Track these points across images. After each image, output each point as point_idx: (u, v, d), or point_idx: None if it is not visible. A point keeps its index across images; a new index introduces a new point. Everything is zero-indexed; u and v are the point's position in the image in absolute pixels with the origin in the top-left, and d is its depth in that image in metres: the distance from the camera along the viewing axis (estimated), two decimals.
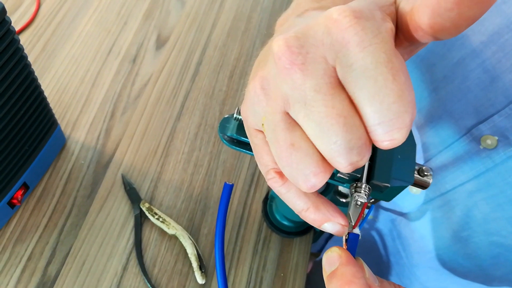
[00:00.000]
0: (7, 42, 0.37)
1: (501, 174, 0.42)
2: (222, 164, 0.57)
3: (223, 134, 0.37)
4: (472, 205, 0.47)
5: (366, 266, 0.26)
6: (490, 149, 0.41)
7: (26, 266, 0.47)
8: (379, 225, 0.65)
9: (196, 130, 0.59)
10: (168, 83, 0.62)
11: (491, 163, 0.42)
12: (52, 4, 0.65)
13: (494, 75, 0.39)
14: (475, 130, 0.42)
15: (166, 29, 0.67)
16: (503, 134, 0.40)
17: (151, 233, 0.51)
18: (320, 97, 0.21)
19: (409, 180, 0.34)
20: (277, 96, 0.23)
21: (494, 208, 0.44)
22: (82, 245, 0.49)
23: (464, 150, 0.44)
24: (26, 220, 0.49)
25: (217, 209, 0.54)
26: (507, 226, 0.44)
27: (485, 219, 0.46)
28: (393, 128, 0.20)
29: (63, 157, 0.54)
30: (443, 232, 0.53)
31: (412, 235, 0.58)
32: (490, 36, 0.38)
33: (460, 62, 0.43)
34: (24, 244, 0.48)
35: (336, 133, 0.20)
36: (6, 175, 0.45)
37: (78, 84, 0.59)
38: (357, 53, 0.19)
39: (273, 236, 0.54)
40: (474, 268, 0.51)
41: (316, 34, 0.21)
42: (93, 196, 0.52)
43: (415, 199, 0.54)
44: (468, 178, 0.45)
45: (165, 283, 0.49)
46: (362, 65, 0.19)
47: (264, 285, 0.51)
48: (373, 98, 0.19)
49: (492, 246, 0.47)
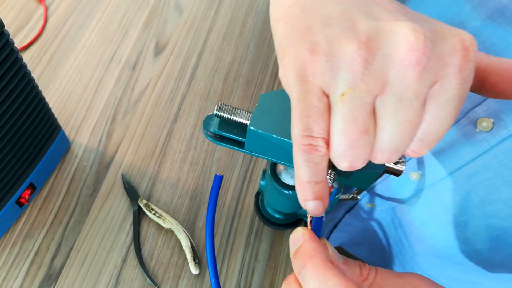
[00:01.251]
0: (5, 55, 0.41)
1: (497, 156, 0.43)
2: (217, 162, 0.60)
3: (206, 130, 0.39)
4: (469, 188, 0.48)
5: (330, 245, 0.28)
6: (486, 132, 0.42)
7: (33, 260, 0.51)
8: (381, 214, 0.66)
9: (192, 131, 0.62)
10: (166, 87, 0.65)
11: (487, 145, 0.43)
12: (58, 18, 0.70)
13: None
14: (471, 113, 0.43)
15: (164, 36, 0.70)
16: (498, 116, 0.41)
17: (149, 227, 0.54)
18: (415, 103, 0.22)
19: (378, 167, 0.36)
20: (379, 78, 0.22)
21: (491, 190, 0.45)
22: (84, 240, 0.53)
23: (461, 133, 0.45)
24: (33, 218, 0.53)
25: None
26: (504, 208, 0.45)
27: (482, 202, 0.47)
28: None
29: (67, 160, 0.58)
30: (442, 217, 0.53)
31: (412, 222, 0.59)
32: (484, 20, 0.39)
33: None
34: (32, 240, 0.52)
35: (403, 138, 0.23)
36: (13, 176, 0.49)
37: (81, 92, 0.63)
38: (459, 84, 0.22)
39: (265, 228, 0.56)
40: (473, 253, 0.52)
41: (442, 48, 0.22)
42: (95, 195, 0.56)
43: (414, 185, 0.54)
44: (466, 161, 0.46)
45: (161, 274, 0.52)
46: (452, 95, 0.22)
47: (256, 275, 0.53)
48: (440, 120, 0.23)
49: (491, 229, 0.48)
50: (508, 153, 0.41)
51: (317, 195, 0.26)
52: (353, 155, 0.23)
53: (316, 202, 0.27)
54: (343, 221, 0.73)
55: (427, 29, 0.22)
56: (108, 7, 0.72)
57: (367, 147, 0.23)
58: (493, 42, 0.39)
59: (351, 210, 0.69)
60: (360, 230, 0.74)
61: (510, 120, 0.39)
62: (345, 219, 0.73)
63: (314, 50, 0.23)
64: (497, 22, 0.38)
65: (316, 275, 0.24)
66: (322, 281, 0.23)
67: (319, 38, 0.23)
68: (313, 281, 0.24)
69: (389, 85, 0.22)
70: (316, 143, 0.24)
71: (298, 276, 0.26)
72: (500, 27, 0.38)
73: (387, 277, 0.26)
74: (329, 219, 0.75)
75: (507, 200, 0.44)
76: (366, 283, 0.26)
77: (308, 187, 0.26)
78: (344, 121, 0.22)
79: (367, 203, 0.65)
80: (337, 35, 0.23)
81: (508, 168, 0.42)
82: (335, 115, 0.23)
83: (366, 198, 0.65)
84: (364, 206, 0.67)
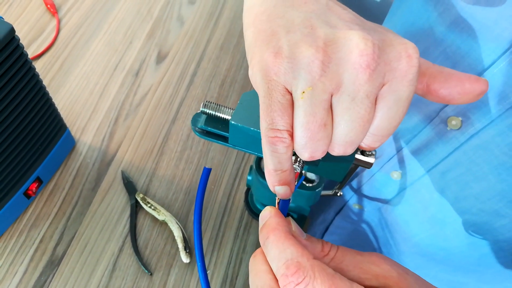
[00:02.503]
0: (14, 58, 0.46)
1: (466, 153, 0.45)
2: (210, 161, 0.64)
3: (194, 126, 0.42)
4: (444, 185, 0.50)
5: (294, 223, 0.30)
6: (456, 130, 0.45)
7: (38, 247, 0.55)
8: (369, 215, 0.68)
9: (188, 132, 0.66)
10: (166, 92, 0.70)
11: (457, 143, 0.45)
12: (69, 30, 0.75)
13: (454, 61, 0.43)
14: (442, 113, 0.46)
15: (166, 46, 0.76)
16: (466, 115, 0.43)
17: (145, 220, 0.58)
18: (366, 102, 0.25)
19: (348, 159, 0.39)
20: (334, 78, 0.25)
21: (463, 186, 0.47)
22: (85, 230, 0.57)
23: (435, 132, 0.48)
24: (40, 209, 0.58)
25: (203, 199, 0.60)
26: (476, 203, 0.47)
27: (456, 198, 0.49)
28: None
29: (72, 157, 0.62)
30: (422, 215, 0.55)
31: (397, 221, 0.61)
32: (449, 25, 0.42)
33: (425, 51, 0.46)
34: (37, 229, 0.57)
35: (357, 132, 0.26)
36: (21, 169, 0.54)
37: (88, 96, 0.68)
38: (405, 86, 0.25)
39: (253, 222, 0.59)
40: (453, 250, 0.54)
41: (389, 54, 0.25)
42: (96, 189, 0.60)
43: (396, 185, 0.57)
44: (439, 159, 0.48)
45: (155, 263, 0.55)
46: (399, 96, 0.25)
47: (243, 266, 0.56)
48: (389, 117, 0.26)
49: (466, 225, 0.50)
50: (476, 150, 0.44)
51: (284, 181, 0.30)
52: (313, 147, 0.27)
53: (283, 187, 0.30)
54: (333, 224, 0.76)
55: (376, 37, 0.25)
56: (115, 19, 0.78)
57: (326, 139, 0.27)
58: (458, 46, 0.42)
59: (341, 211, 0.72)
60: (351, 232, 0.76)
61: (476, 119, 0.42)
62: (335, 222, 0.75)
63: (278, 53, 0.26)
64: (460, 27, 0.42)
65: (276, 245, 0.26)
66: (281, 249, 0.26)
67: (282, 42, 0.27)
68: (274, 250, 0.26)
69: (343, 85, 0.25)
70: (281, 135, 0.26)
71: (263, 247, 0.28)
72: (463, 32, 0.41)
73: (347, 254, 0.28)
74: (320, 221, 0.78)
75: (478, 195, 0.46)
76: (327, 258, 0.28)
77: (275, 174, 0.29)
78: (305, 116, 0.25)
79: (355, 204, 0.68)
80: (299, 40, 0.26)
81: (477, 164, 0.44)
82: (297, 110, 0.26)
83: (354, 199, 0.68)
84: (352, 207, 0.69)
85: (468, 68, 0.42)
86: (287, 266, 0.24)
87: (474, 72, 0.41)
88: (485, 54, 0.40)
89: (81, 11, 0.78)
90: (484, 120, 0.42)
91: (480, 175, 0.45)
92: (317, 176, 0.52)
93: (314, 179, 0.53)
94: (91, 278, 0.54)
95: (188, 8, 0.81)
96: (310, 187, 0.55)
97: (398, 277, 0.26)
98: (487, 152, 0.43)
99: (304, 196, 0.51)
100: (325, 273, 0.24)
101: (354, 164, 0.40)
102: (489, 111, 0.41)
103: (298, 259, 0.25)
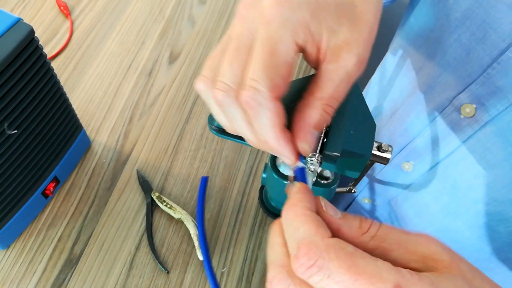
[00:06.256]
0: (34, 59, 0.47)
1: (480, 141, 0.45)
2: (224, 159, 0.64)
3: (211, 125, 0.43)
4: (457, 175, 0.50)
5: (326, 201, 0.27)
6: (470, 117, 0.44)
7: (56, 246, 0.56)
8: (378, 209, 0.68)
9: (202, 131, 0.67)
10: (179, 92, 0.71)
11: (471, 130, 0.45)
12: (82, 31, 0.76)
13: (469, 48, 0.43)
14: (455, 100, 0.46)
15: (178, 46, 0.76)
16: (480, 101, 0.43)
17: (161, 218, 0.59)
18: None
19: (364, 153, 0.39)
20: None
21: (476, 175, 0.47)
22: (102, 229, 0.58)
23: (447, 121, 0.48)
24: (57, 208, 0.59)
25: (218, 197, 0.61)
26: (488, 192, 0.47)
27: (469, 187, 0.49)
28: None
29: (88, 157, 0.63)
30: (433, 207, 0.55)
31: (407, 213, 0.60)
32: (463, 12, 0.42)
33: (438, 39, 0.46)
34: (55, 228, 0.57)
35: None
36: (39, 169, 0.55)
37: (102, 96, 0.69)
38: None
39: (268, 219, 0.60)
40: (466, 244, 0.53)
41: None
42: (112, 189, 0.61)
43: (408, 176, 0.57)
44: (453, 148, 0.48)
45: (171, 260, 0.56)
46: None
47: (259, 262, 0.57)
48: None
49: (478, 216, 0.49)
50: (490, 137, 0.44)
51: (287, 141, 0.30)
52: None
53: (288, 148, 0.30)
54: None
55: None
56: (128, 20, 0.78)
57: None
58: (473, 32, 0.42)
59: (350, 206, 0.72)
60: None
61: (490, 105, 0.42)
62: None
63: None
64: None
65: (291, 221, 0.25)
66: (295, 227, 0.24)
67: None
68: (289, 227, 0.25)
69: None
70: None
71: (282, 221, 0.26)
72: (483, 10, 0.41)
73: (391, 232, 0.25)
74: None
75: (491, 184, 0.46)
76: (366, 236, 0.25)
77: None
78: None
79: (364, 198, 0.68)
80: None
81: (491, 151, 0.44)
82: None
83: (364, 193, 0.68)
84: (361, 202, 0.69)
85: (482, 54, 0.41)
86: (298, 247, 0.22)
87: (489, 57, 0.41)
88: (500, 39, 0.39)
89: (94, 13, 0.78)
90: (499, 106, 0.41)
91: (494, 163, 0.45)
92: (332, 173, 0.52)
93: (329, 176, 0.53)
94: (109, 276, 0.54)
95: (199, 8, 0.82)
96: (325, 184, 0.55)
97: (450, 262, 0.23)
98: (501, 139, 0.43)
99: (319, 193, 0.51)
100: (343, 253, 0.22)
101: (370, 160, 0.40)
102: (505, 96, 0.40)
103: (310, 238, 0.23)
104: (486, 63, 0.41)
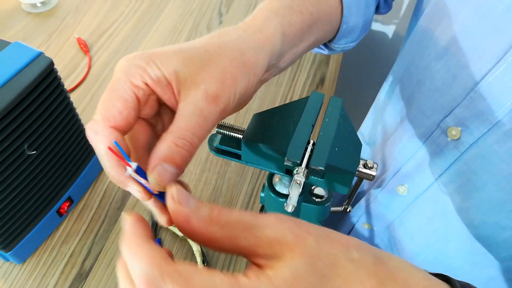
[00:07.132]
0: (53, 88, 0.53)
1: (466, 163, 0.46)
2: (227, 181, 0.68)
3: (210, 145, 0.46)
4: (447, 198, 0.50)
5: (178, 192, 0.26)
6: (456, 140, 0.46)
7: (68, 261, 0.60)
8: (379, 235, 0.68)
9: (207, 155, 0.71)
10: None
11: (458, 153, 0.47)
12: (100, 66, 0.83)
13: (455, 73, 0.45)
14: (442, 124, 0.47)
15: None
16: (464, 124, 0.45)
17: (166, 235, 0.62)
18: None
19: (349, 169, 0.42)
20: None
21: (464, 198, 0.48)
22: (111, 246, 0.61)
23: (436, 144, 0.49)
24: (70, 226, 0.63)
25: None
26: (477, 215, 0.47)
27: (458, 210, 0.49)
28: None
29: (100, 179, 0.68)
30: (426, 230, 0.56)
31: (403, 237, 0.61)
32: (449, 40, 0.45)
33: (427, 65, 0.49)
34: (68, 244, 0.61)
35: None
36: (54, 189, 0.60)
37: None
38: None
39: None
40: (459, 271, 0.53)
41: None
42: (122, 208, 0.65)
43: (403, 200, 0.57)
44: (442, 170, 0.49)
45: None
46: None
47: None
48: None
49: (469, 241, 0.50)
50: (475, 159, 0.45)
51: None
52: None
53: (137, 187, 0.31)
54: None
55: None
56: None
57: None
58: (458, 59, 0.45)
59: (350, 233, 0.72)
60: None
61: (475, 127, 0.44)
62: None
63: None
64: (459, 41, 0.44)
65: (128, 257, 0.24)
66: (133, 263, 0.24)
67: None
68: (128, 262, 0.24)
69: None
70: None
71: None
72: (463, 44, 0.44)
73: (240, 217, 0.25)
74: None
75: (479, 206, 0.47)
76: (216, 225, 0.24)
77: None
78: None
79: (364, 223, 0.69)
80: None
81: (476, 173, 0.46)
82: None
83: (363, 218, 0.69)
84: (361, 229, 0.70)
85: (466, 78, 0.44)
86: (138, 285, 0.22)
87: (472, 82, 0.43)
88: (481, 64, 0.42)
89: (110, 49, 0.86)
90: (482, 128, 0.43)
91: (480, 185, 0.45)
92: (326, 191, 0.54)
93: (323, 194, 0.55)
94: None
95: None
96: (319, 202, 0.57)
97: (294, 242, 0.23)
98: (485, 160, 0.44)
99: (313, 211, 0.53)
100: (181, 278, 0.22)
101: (357, 176, 0.42)
102: (486, 118, 0.42)
103: (147, 271, 0.22)
104: (470, 87, 0.43)
